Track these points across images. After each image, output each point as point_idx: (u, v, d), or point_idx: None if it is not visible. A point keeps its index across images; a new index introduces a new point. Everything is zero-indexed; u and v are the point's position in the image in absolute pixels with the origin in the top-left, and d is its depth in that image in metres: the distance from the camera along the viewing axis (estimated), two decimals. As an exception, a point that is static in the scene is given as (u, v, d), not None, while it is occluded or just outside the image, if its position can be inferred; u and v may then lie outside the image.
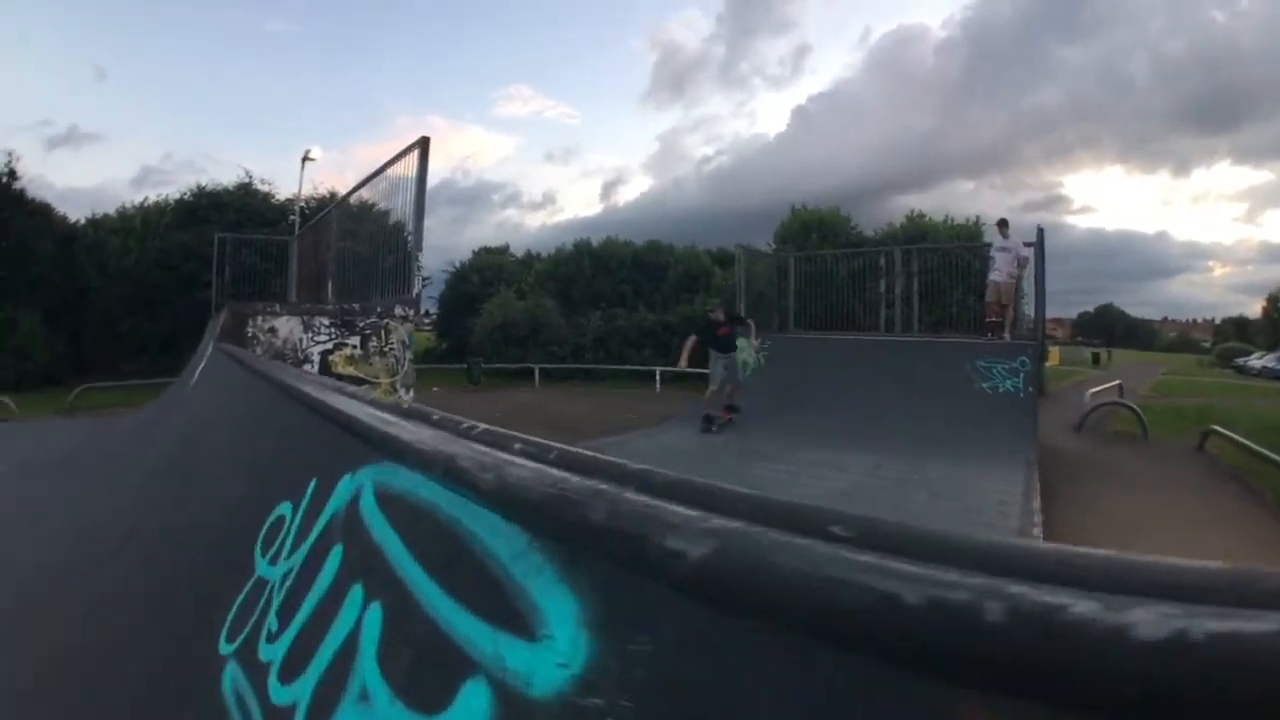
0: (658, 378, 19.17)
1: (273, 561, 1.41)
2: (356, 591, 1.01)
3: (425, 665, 0.80)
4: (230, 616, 1.46)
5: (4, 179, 21.31)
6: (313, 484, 1.40)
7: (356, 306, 5.43)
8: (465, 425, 1.07)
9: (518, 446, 0.93)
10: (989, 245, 10.83)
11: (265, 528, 1.54)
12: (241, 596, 1.47)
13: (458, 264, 29.06)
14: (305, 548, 1.28)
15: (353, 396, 1.65)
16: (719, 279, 24.01)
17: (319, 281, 7.15)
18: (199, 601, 1.78)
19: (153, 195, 26.22)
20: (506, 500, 0.74)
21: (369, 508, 1.09)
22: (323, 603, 1.10)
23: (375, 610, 0.93)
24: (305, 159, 13.91)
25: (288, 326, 6.35)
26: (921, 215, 23.01)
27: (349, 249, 6.78)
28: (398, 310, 5.41)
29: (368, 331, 5.33)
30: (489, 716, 0.67)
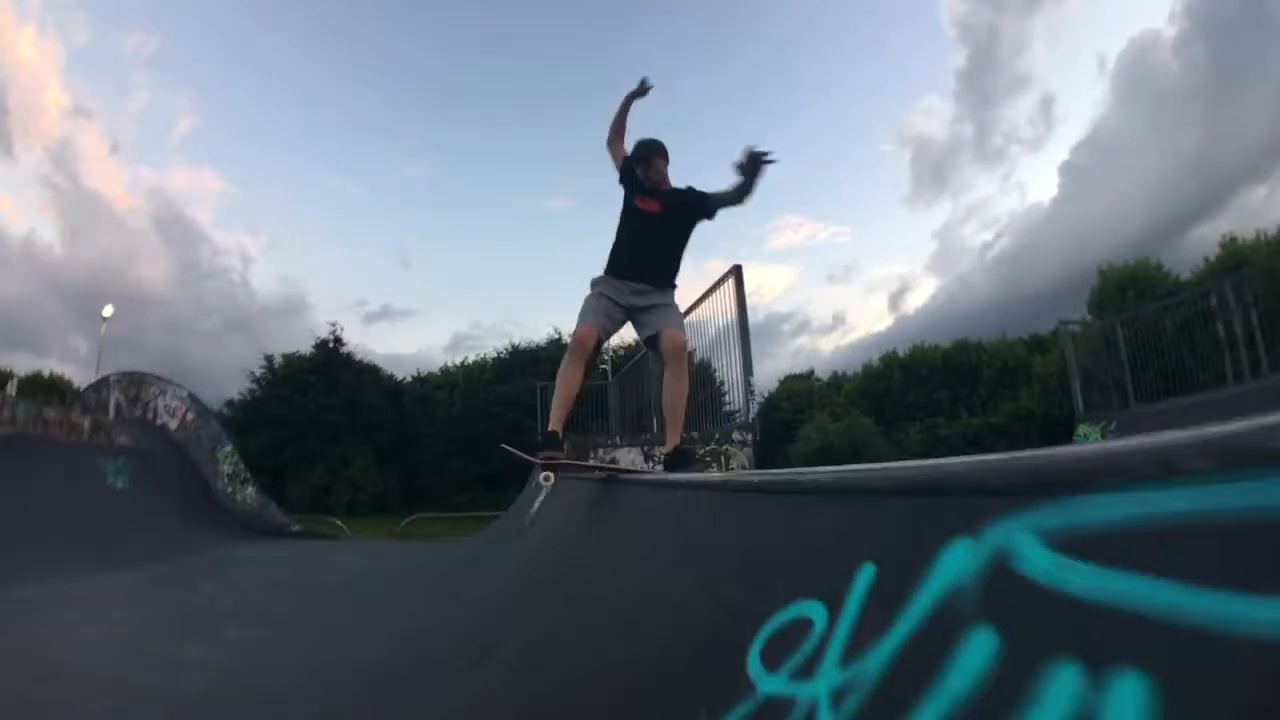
0: (994, 486, 17.39)
1: (802, 675, 1.14)
2: (1069, 673, 0.69)
3: None
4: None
5: (332, 344, 28.21)
6: (866, 573, 1.12)
7: (695, 435, 5.82)
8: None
9: None
10: None
11: (763, 637, 1.30)
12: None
13: (765, 394, 30.35)
14: (885, 650, 1.01)
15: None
16: (1038, 367, 22.35)
17: (640, 417, 7.90)
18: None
19: (470, 356, 32.22)
20: None
21: (1042, 565, 0.80)
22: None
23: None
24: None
25: (628, 457, 7.04)
26: (1234, 239, 20.35)
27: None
28: (735, 436, 5.68)
29: (708, 459, 5.65)
30: None
